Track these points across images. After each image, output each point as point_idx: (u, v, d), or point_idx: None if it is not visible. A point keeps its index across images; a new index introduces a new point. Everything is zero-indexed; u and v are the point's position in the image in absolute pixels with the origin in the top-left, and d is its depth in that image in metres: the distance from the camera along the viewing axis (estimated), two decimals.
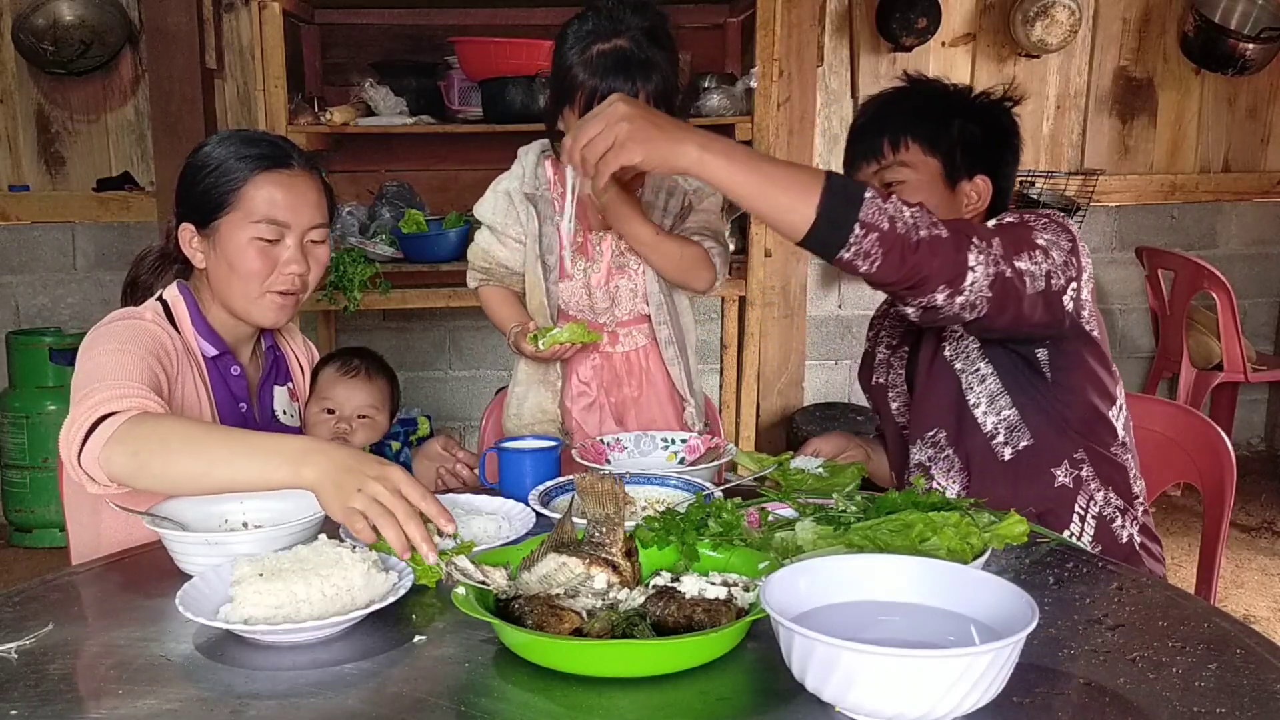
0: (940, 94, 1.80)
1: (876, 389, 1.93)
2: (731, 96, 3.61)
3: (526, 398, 2.11)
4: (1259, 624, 3.16)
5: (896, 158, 1.74)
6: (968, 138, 1.75)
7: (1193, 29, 4.24)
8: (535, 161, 2.05)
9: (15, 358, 3.83)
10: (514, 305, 2.09)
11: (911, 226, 1.41)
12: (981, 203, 1.76)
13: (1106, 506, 1.74)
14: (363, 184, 4.00)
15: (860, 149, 1.79)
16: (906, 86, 1.83)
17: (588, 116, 1.44)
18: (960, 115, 1.76)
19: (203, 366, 1.71)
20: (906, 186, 1.73)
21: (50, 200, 4.05)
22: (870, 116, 1.81)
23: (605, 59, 1.81)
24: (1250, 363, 4.01)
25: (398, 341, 4.24)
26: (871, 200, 1.39)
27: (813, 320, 4.28)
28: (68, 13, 3.85)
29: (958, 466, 1.76)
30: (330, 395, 1.87)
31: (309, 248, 1.71)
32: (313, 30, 3.93)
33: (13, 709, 1.02)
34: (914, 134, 1.74)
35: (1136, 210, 4.49)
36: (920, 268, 1.41)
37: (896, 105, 1.79)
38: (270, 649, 1.15)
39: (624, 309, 2.06)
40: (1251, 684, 1.05)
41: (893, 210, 1.41)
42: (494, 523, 1.51)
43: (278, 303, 1.70)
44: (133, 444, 1.36)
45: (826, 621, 1.01)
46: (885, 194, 1.43)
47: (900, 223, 1.40)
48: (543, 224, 2.01)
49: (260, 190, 1.66)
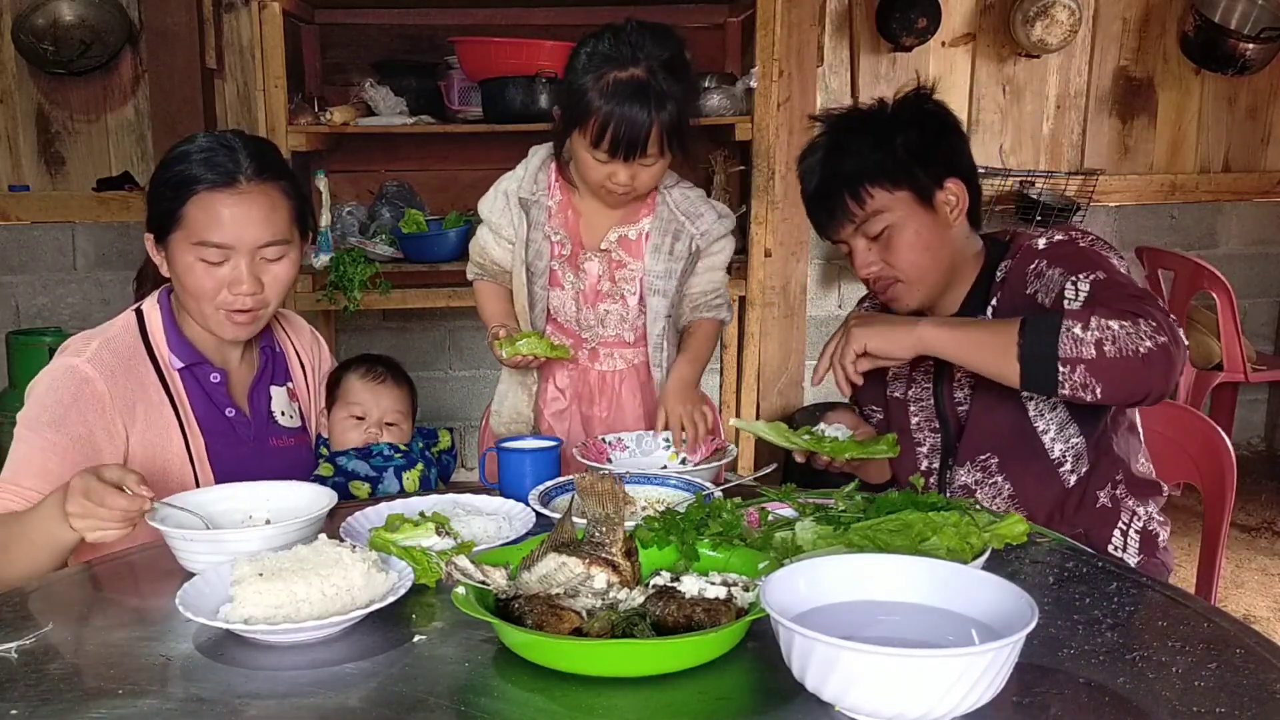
0: (863, 124, 1.74)
1: (895, 402, 1.88)
2: (731, 96, 3.61)
3: (506, 397, 2.12)
4: (1259, 624, 3.16)
5: (866, 210, 1.69)
6: (916, 152, 1.69)
7: (1193, 29, 4.24)
8: (539, 166, 2.04)
9: (15, 358, 3.82)
10: (503, 302, 2.09)
11: (1124, 342, 1.45)
12: (962, 204, 1.72)
13: (1150, 522, 1.78)
14: (363, 184, 4.00)
15: (827, 216, 1.74)
16: (825, 133, 1.76)
17: (828, 347, 1.67)
18: (895, 131, 1.70)
19: (175, 379, 1.69)
20: (894, 230, 1.69)
21: (50, 200, 4.05)
22: (819, 181, 1.74)
23: (621, 88, 1.79)
24: (1250, 363, 4.01)
25: (398, 341, 4.24)
26: (1067, 333, 1.46)
27: (813, 320, 4.28)
28: (68, 13, 3.85)
29: (1006, 493, 1.75)
30: (359, 401, 1.89)
31: (261, 265, 1.64)
32: (313, 30, 3.92)
33: (13, 709, 1.02)
34: (869, 179, 1.68)
35: (1136, 210, 4.49)
36: (1143, 384, 1.47)
37: (836, 159, 1.72)
38: (270, 649, 1.14)
39: (610, 330, 2.06)
40: (1251, 684, 1.05)
41: (1097, 333, 1.46)
42: (494, 523, 1.51)
43: (235, 319, 1.66)
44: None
45: (826, 621, 1.01)
46: (1087, 317, 1.46)
47: (1108, 343, 1.45)
48: (531, 229, 2.01)
49: (202, 210, 1.60)
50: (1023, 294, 1.67)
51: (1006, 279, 1.72)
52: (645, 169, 1.88)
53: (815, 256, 4.28)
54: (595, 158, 1.86)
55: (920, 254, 1.70)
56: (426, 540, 1.36)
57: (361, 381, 1.91)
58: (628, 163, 1.85)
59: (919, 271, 1.71)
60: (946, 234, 1.72)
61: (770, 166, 3.63)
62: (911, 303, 1.74)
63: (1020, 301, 1.67)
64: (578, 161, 1.92)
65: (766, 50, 3.54)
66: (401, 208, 3.73)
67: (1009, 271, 1.72)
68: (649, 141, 1.82)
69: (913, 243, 1.69)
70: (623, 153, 1.83)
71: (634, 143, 1.82)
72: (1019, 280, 1.69)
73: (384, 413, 1.90)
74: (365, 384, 1.90)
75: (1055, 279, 1.63)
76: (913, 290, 1.73)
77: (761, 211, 3.67)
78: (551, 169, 2.03)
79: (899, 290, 1.73)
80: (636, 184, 1.90)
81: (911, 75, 4.22)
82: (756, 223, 3.67)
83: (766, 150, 3.61)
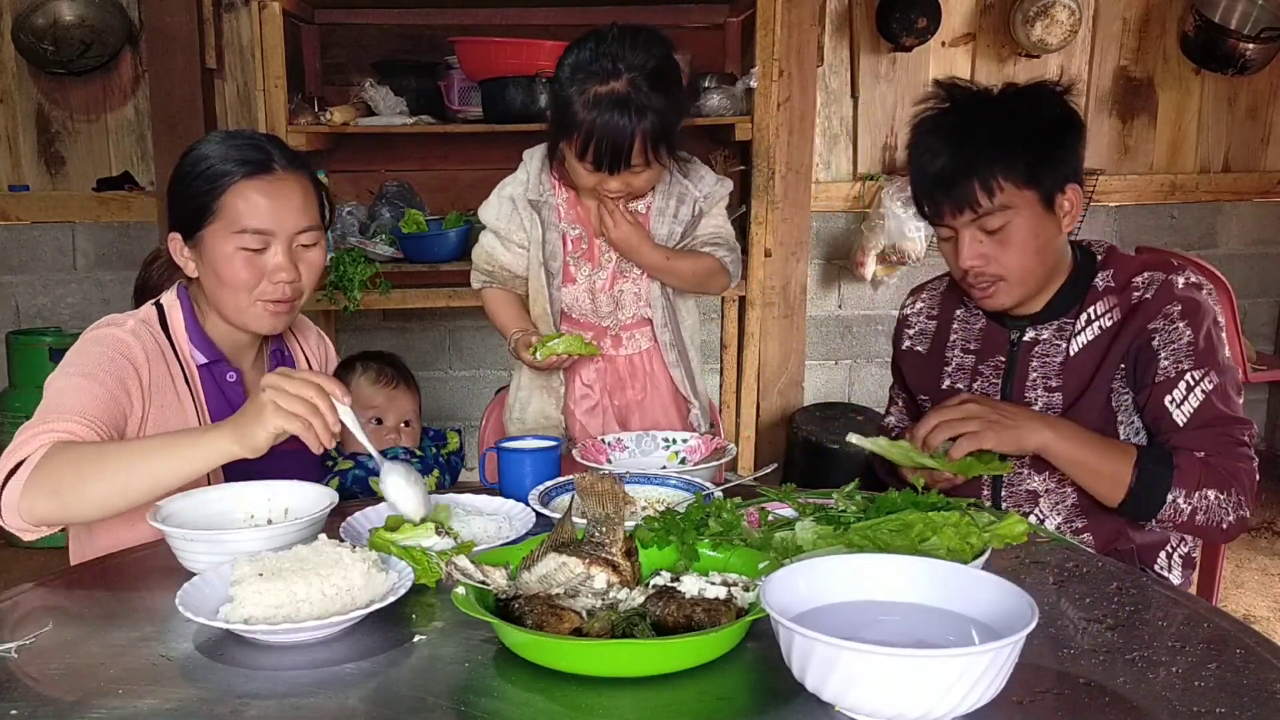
0: (1000, 108, 1.67)
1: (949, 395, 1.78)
2: (731, 96, 3.61)
3: (530, 403, 2.10)
4: (1259, 624, 3.15)
5: (995, 203, 1.63)
6: (1047, 151, 1.64)
7: (1193, 29, 4.24)
8: (539, 168, 2.05)
9: (15, 358, 3.83)
10: (516, 309, 2.08)
11: (1214, 514, 1.59)
12: (1076, 211, 1.69)
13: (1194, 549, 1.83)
14: (363, 184, 4.00)
15: (945, 199, 1.66)
16: (951, 111, 1.69)
17: (938, 409, 1.63)
18: (1031, 127, 1.64)
19: (195, 374, 1.69)
20: (1011, 228, 1.64)
21: (50, 200, 4.05)
22: (946, 162, 1.65)
23: (601, 102, 1.81)
24: (1250, 363, 4.01)
25: (398, 341, 4.24)
26: (1172, 505, 1.59)
27: (813, 320, 4.27)
28: (68, 13, 3.84)
29: (1070, 502, 1.74)
30: (375, 404, 1.90)
31: (298, 252, 1.66)
32: (313, 30, 3.92)
33: (13, 709, 1.02)
34: (1005, 172, 1.62)
35: (1136, 210, 4.49)
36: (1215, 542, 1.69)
37: (969, 143, 1.64)
38: (270, 649, 1.14)
39: (627, 312, 2.06)
40: (1251, 684, 1.05)
41: (1196, 504, 1.59)
42: (494, 523, 1.51)
43: (270, 310, 1.67)
44: (49, 484, 1.39)
45: (826, 621, 1.01)
46: (1193, 486, 1.58)
47: (1201, 513, 1.59)
48: (546, 230, 2.01)
49: (241, 198, 1.61)
50: (1145, 326, 1.67)
51: (1116, 292, 1.71)
52: (635, 176, 1.90)
53: (815, 256, 4.27)
54: (584, 168, 1.89)
55: (1031, 256, 1.67)
56: (426, 540, 1.36)
57: (374, 386, 1.92)
58: (615, 174, 1.87)
59: (1025, 273, 1.68)
60: (1057, 239, 1.70)
61: (770, 166, 3.63)
62: (1007, 302, 1.72)
63: (1140, 333, 1.67)
64: (571, 168, 1.94)
65: (766, 50, 3.54)
66: (401, 208, 3.73)
67: (1117, 284, 1.72)
68: (633, 153, 1.84)
69: (1027, 243, 1.66)
70: (607, 165, 1.85)
71: (617, 155, 1.84)
72: (1148, 312, 1.67)
73: (400, 414, 1.92)
74: (379, 388, 1.92)
75: (1182, 349, 1.64)
76: (1013, 291, 1.70)
77: (761, 211, 3.66)
78: (553, 170, 2.04)
79: (999, 288, 1.70)
80: (630, 190, 1.92)
81: (912, 75, 4.22)
82: (756, 223, 3.66)
83: (766, 150, 3.61)
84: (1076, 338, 1.72)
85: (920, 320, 1.95)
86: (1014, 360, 1.78)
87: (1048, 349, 1.75)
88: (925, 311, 1.95)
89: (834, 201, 4.22)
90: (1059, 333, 1.75)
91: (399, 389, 1.93)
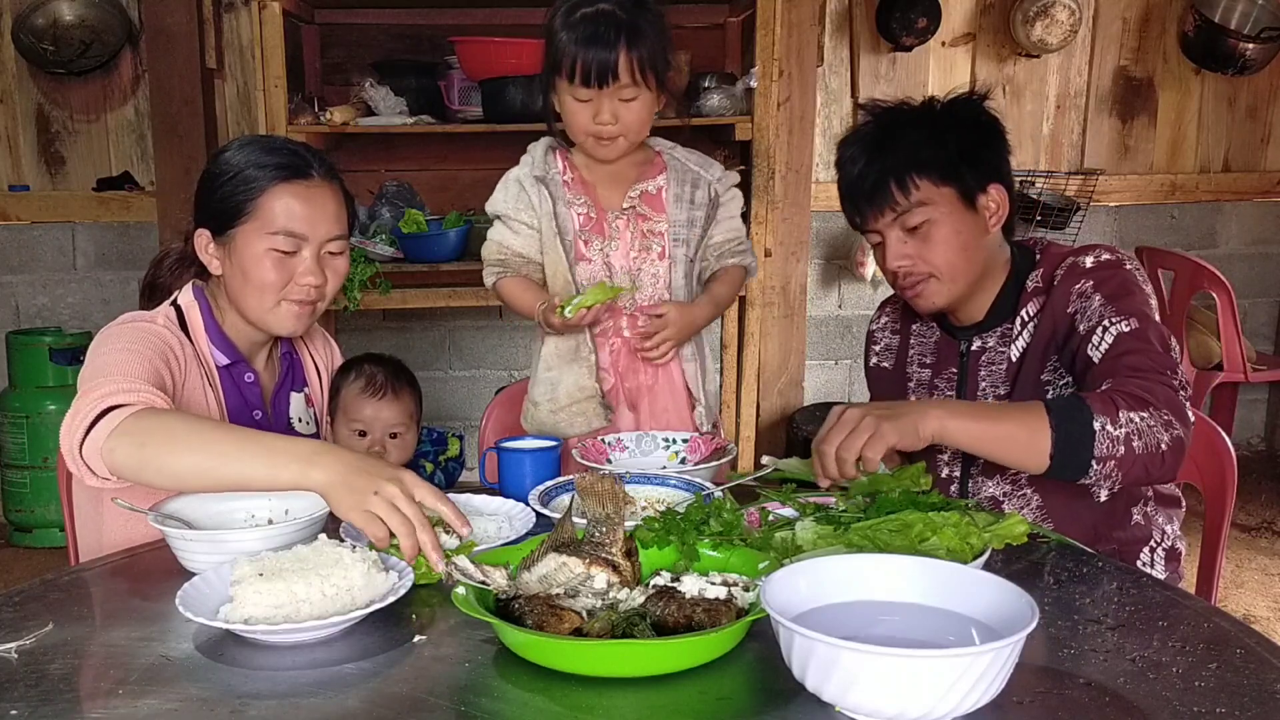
0: (917, 116, 1.72)
1: None
2: (731, 96, 3.61)
3: (562, 380, 2.05)
4: (1259, 624, 3.15)
5: (911, 200, 1.67)
6: (966, 151, 1.68)
7: (1193, 29, 4.24)
8: (544, 152, 2.07)
9: (15, 358, 3.83)
10: (535, 291, 2.05)
11: (1149, 436, 1.46)
12: (1002, 211, 1.71)
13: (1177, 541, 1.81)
14: (363, 184, 4.00)
15: (866, 203, 1.71)
16: (872, 123, 1.75)
17: (823, 435, 1.47)
18: (948, 129, 1.69)
19: (214, 374, 1.70)
20: (931, 225, 1.67)
21: (50, 200, 4.05)
22: (864, 167, 1.71)
23: (589, 23, 1.85)
24: (1250, 363, 4.01)
25: (398, 341, 4.24)
26: (1103, 431, 1.45)
27: (813, 320, 4.28)
28: (68, 13, 3.85)
29: (1034, 504, 1.74)
30: (359, 417, 1.85)
31: (326, 259, 1.69)
32: (313, 30, 3.92)
33: (13, 709, 1.02)
34: (919, 169, 1.66)
35: (1136, 210, 4.49)
36: (1159, 474, 1.49)
37: (885, 147, 1.69)
38: (270, 649, 1.15)
39: (645, 293, 2.06)
40: (1251, 684, 1.05)
41: (1126, 428, 1.46)
42: (494, 523, 1.51)
43: (294, 312, 1.68)
44: (139, 436, 1.35)
45: (826, 621, 1.01)
46: (1115, 411, 1.46)
47: (1136, 438, 1.46)
48: (556, 204, 2.02)
49: (278, 201, 1.63)
50: (1064, 312, 1.67)
51: (1044, 290, 1.71)
52: (625, 105, 1.90)
53: (815, 256, 4.28)
54: (576, 97, 1.89)
55: (956, 252, 1.69)
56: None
57: (361, 396, 1.86)
58: (603, 91, 1.87)
59: (952, 269, 1.70)
60: (983, 238, 1.71)
61: (770, 166, 3.63)
62: (939, 301, 1.73)
63: (1061, 320, 1.67)
64: (566, 115, 1.94)
65: (766, 50, 3.54)
66: (401, 207, 3.73)
67: (1044, 281, 1.71)
68: (619, 67, 1.85)
69: (950, 239, 1.68)
70: (595, 79, 1.85)
71: (605, 67, 1.85)
72: (1062, 297, 1.67)
73: (386, 426, 1.87)
74: (365, 399, 1.86)
75: (1096, 309, 1.62)
76: (943, 288, 1.72)
77: (761, 211, 3.66)
78: (557, 152, 2.06)
79: (929, 286, 1.72)
80: (622, 124, 1.92)
81: (912, 75, 4.22)
82: (756, 223, 3.66)
83: (766, 150, 3.61)
84: (1015, 342, 1.73)
85: (885, 335, 1.97)
86: (965, 371, 1.79)
87: (994, 356, 1.76)
88: (889, 326, 1.96)
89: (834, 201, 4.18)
90: (1002, 339, 1.76)
91: (386, 399, 1.86)
